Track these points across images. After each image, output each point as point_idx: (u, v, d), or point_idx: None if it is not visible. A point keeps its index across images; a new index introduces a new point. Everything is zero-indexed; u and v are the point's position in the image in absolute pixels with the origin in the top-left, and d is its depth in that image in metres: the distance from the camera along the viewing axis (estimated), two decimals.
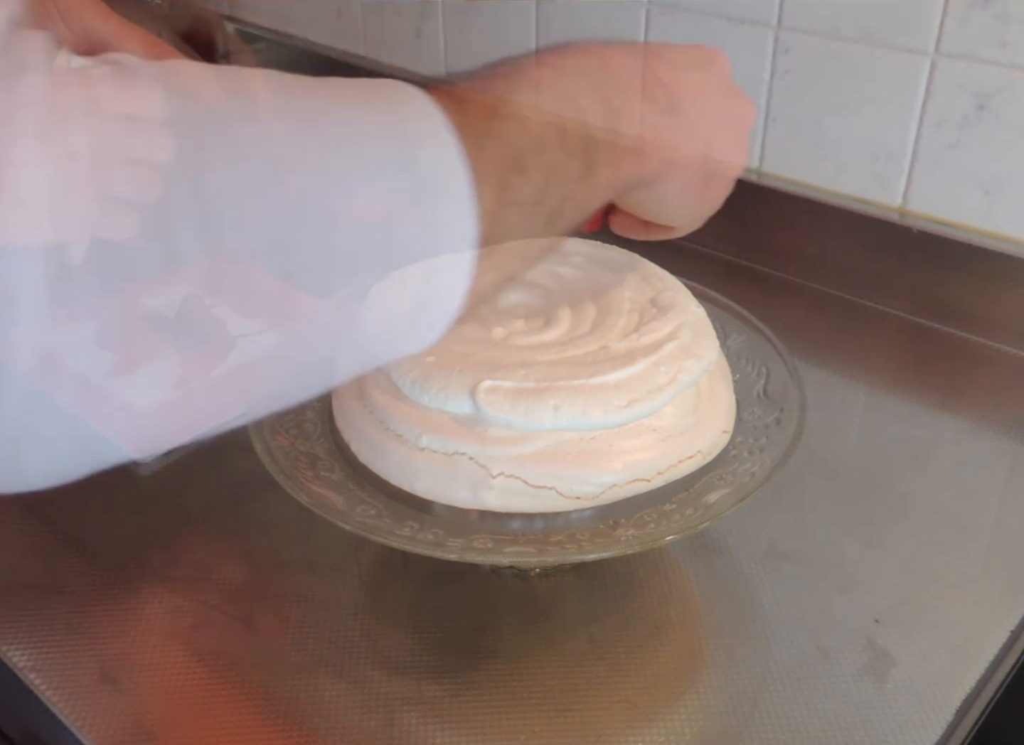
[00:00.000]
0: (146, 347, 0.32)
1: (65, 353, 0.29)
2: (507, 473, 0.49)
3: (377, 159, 0.33)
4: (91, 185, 0.28)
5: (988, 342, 0.78)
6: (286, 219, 0.31)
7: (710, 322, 0.57)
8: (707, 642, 0.53)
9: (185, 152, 0.29)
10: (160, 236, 0.29)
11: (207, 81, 0.31)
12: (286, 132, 0.31)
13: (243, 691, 0.50)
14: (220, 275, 0.30)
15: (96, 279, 0.28)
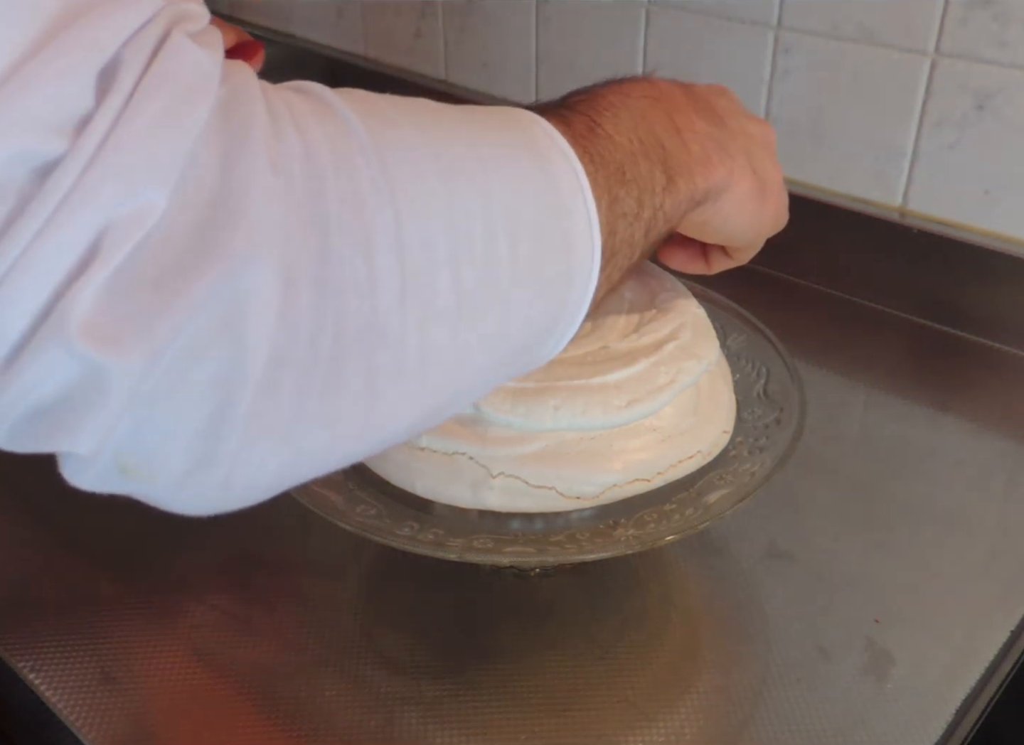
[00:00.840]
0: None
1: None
2: (507, 473, 0.49)
3: (522, 178, 0.35)
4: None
5: (988, 342, 0.78)
6: (458, 232, 0.32)
7: (710, 322, 0.57)
8: (707, 642, 0.53)
9: (378, 171, 0.30)
10: (360, 253, 0.29)
11: (377, 102, 0.33)
12: (450, 152, 0.33)
13: (243, 691, 0.50)
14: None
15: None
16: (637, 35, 0.92)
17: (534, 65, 1.01)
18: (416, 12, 1.09)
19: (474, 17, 1.03)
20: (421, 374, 0.32)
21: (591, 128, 0.39)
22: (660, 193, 0.41)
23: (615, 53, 0.94)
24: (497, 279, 0.33)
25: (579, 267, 0.37)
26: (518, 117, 0.37)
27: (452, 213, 0.32)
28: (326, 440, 0.31)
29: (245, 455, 0.29)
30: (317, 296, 0.28)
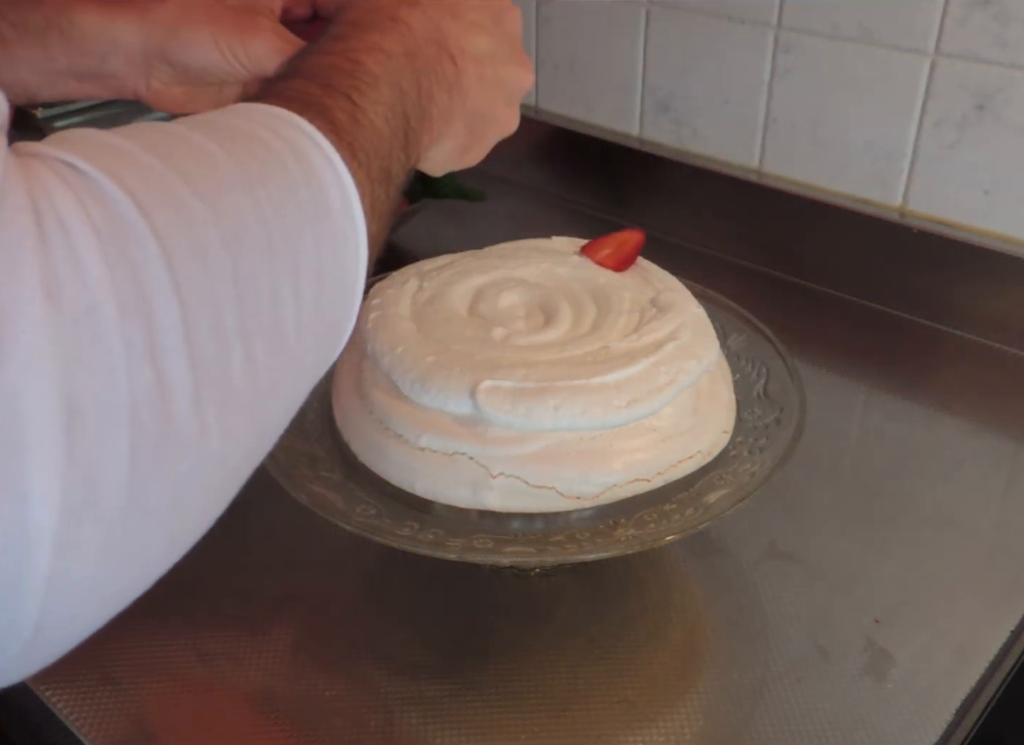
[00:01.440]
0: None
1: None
2: (507, 473, 0.49)
3: (299, 216, 0.32)
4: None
5: (988, 342, 0.78)
6: (246, 303, 0.29)
7: (710, 322, 0.57)
8: (707, 642, 0.54)
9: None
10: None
11: (138, 157, 0.29)
12: (230, 208, 0.30)
13: (243, 691, 0.50)
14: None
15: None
16: (637, 35, 0.92)
17: (534, 65, 1.01)
18: None
19: None
20: (223, 466, 0.30)
21: (354, 118, 0.37)
22: (400, 173, 0.40)
23: (615, 53, 0.94)
24: (285, 340, 0.31)
25: (351, 288, 0.35)
26: (278, 128, 0.34)
27: (238, 286, 0.29)
28: (137, 572, 0.29)
29: (51, 616, 0.26)
30: (106, 423, 0.25)
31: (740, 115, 0.89)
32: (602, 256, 0.61)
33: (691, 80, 0.91)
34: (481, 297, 0.57)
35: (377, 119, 0.38)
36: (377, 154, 0.37)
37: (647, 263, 0.61)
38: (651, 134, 0.97)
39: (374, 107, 0.38)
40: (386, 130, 0.39)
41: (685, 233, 0.92)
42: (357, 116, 0.37)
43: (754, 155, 0.89)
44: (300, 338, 0.32)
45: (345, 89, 0.38)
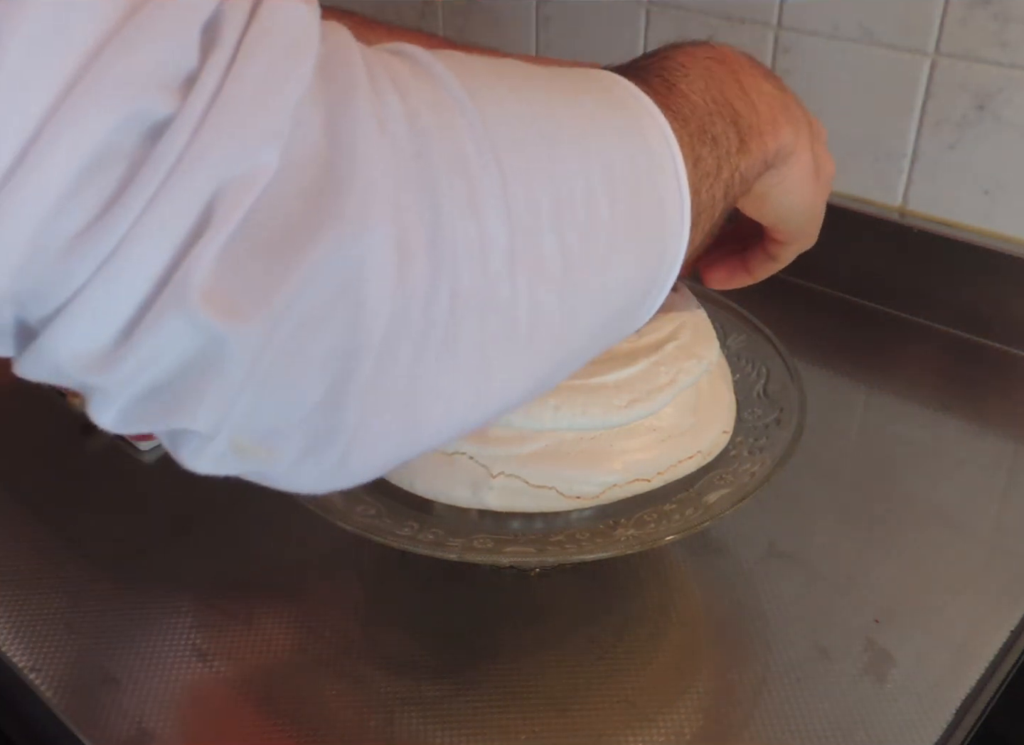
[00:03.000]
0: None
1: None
2: (507, 473, 0.49)
3: (615, 138, 0.34)
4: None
5: (988, 342, 0.78)
6: (561, 194, 0.31)
7: (710, 322, 0.57)
8: (707, 642, 0.53)
9: (480, 130, 0.29)
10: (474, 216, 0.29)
11: (472, 65, 0.32)
12: (546, 115, 0.32)
13: (243, 691, 0.50)
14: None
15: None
16: (637, 35, 0.92)
17: None
18: (416, 12, 1.09)
19: (474, 17, 1.03)
20: (530, 340, 0.31)
21: (669, 87, 0.39)
22: (735, 154, 0.41)
23: (615, 53, 0.94)
24: (598, 241, 0.33)
25: (671, 226, 0.36)
26: (601, 78, 0.37)
27: (553, 176, 0.31)
28: (441, 411, 0.30)
29: (363, 430, 0.28)
30: (431, 260, 0.27)
31: None
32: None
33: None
34: None
35: (692, 93, 0.39)
36: (695, 115, 0.39)
37: None
38: None
39: (687, 85, 0.40)
40: (702, 104, 0.40)
41: None
42: (671, 88, 0.39)
43: None
44: (613, 247, 0.33)
45: (657, 72, 0.40)
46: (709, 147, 0.39)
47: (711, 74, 0.41)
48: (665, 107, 0.37)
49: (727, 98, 0.41)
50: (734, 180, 0.41)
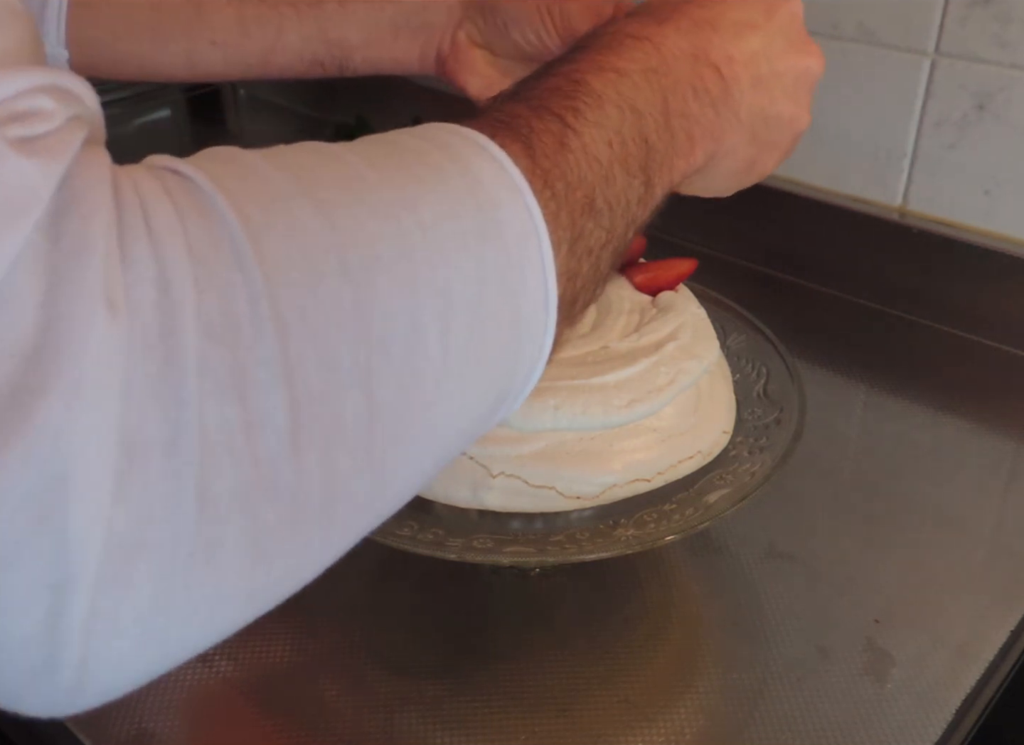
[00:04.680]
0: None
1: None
2: (507, 473, 0.49)
3: (462, 248, 0.28)
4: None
5: (988, 342, 0.78)
6: (371, 342, 0.26)
7: (710, 322, 0.57)
8: (707, 642, 0.53)
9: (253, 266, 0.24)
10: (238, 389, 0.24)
11: (262, 172, 0.27)
12: (362, 233, 0.27)
13: (243, 691, 0.50)
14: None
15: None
16: None
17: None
18: None
19: None
20: (326, 521, 0.26)
21: (562, 142, 0.33)
22: (635, 206, 0.36)
23: None
24: (423, 384, 0.27)
25: (530, 334, 0.31)
26: (457, 148, 0.30)
27: (361, 319, 0.26)
28: (200, 624, 0.26)
29: (96, 658, 0.24)
30: (170, 464, 0.23)
31: None
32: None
33: None
34: None
35: (594, 144, 0.34)
36: (584, 182, 0.33)
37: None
38: None
39: (592, 130, 0.34)
40: (605, 155, 0.34)
41: (685, 233, 0.92)
42: (566, 140, 0.33)
43: None
44: (444, 382, 0.28)
45: (559, 110, 0.34)
46: (598, 217, 0.33)
47: (632, 103, 0.36)
48: (544, 178, 0.31)
49: (643, 132, 0.36)
50: (628, 234, 0.36)
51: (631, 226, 0.36)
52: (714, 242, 0.91)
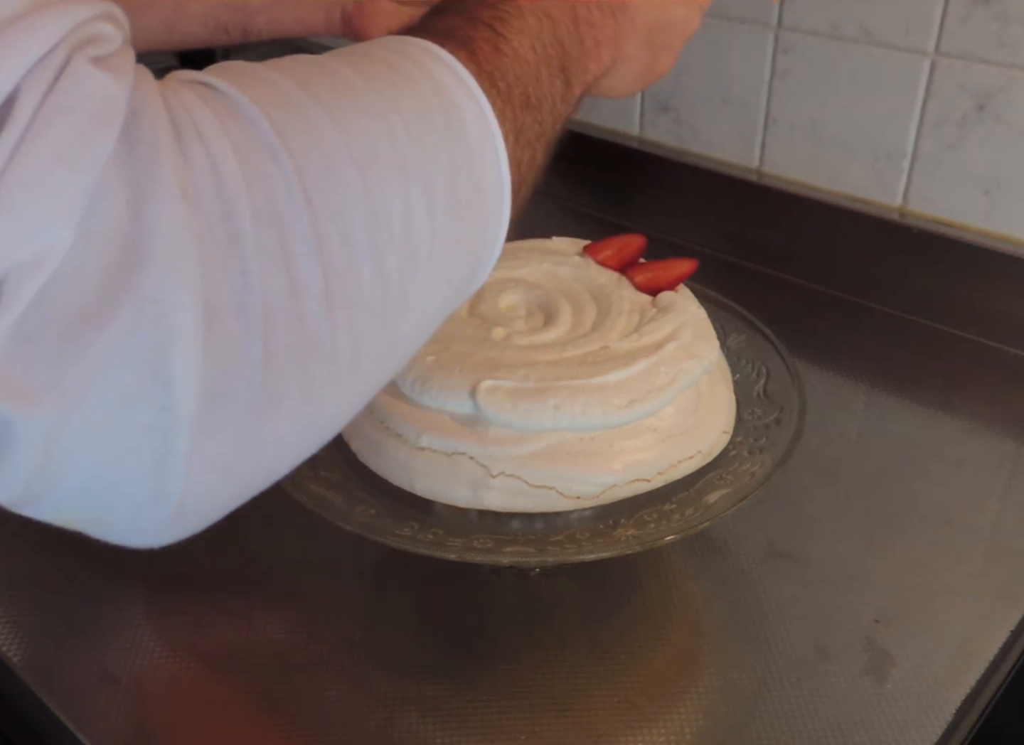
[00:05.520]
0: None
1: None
2: (507, 473, 0.49)
3: (433, 139, 0.33)
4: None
5: (988, 342, 0.78)
6: (377, 221, 0.31)
7: (710, 322, 0.57)
8: (707, 642, 0.53)
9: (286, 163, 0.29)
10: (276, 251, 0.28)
11: (275, 82, 0.31)
12: (360, 130, 0.31)
13: (243, 691, 0.50)
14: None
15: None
16: None
17: None
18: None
19: None
20: (354, 370, 0.31)
21: (496, 47, 0.37)
22: (560, 103, 0.40)
23: None
24: (417, 256, 0.32)
25: (492, 210, 0.36)
26: (418, 58, 0.35)
27: (369, 202, 0.30)
28: (271, 459, 0.31)
29: (193, 490, 0.28)
30: (242, 322, 0.27)
31: (740, 115, 0.89)
32: (604, 256, 0.61)
33: (691, 80, 0.91)
34: (481, 297, 0.57)
35: (521, 47, 0.38)
36: (520, 81, 0.37)
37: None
38: (651, 134, 0.97)
39: (518, 36, 0.38)
40: (532, 58, 0.38)
41: (685, 233, 0.92)
42: (499, 45, 0.37)
43: (754, 155, 0.89)
44: (433, 255, 0.33)
45: (488, 20, 0.38)
46: (533, 112, 0.38)
47: (547, 11, 0.40)
48: (488, 78, 0.36)
49: (558, 37, 0.40)
50: (556, 127, 0.40)
51: (558, 121, 0.40)
52: (714, 242, 0.91)
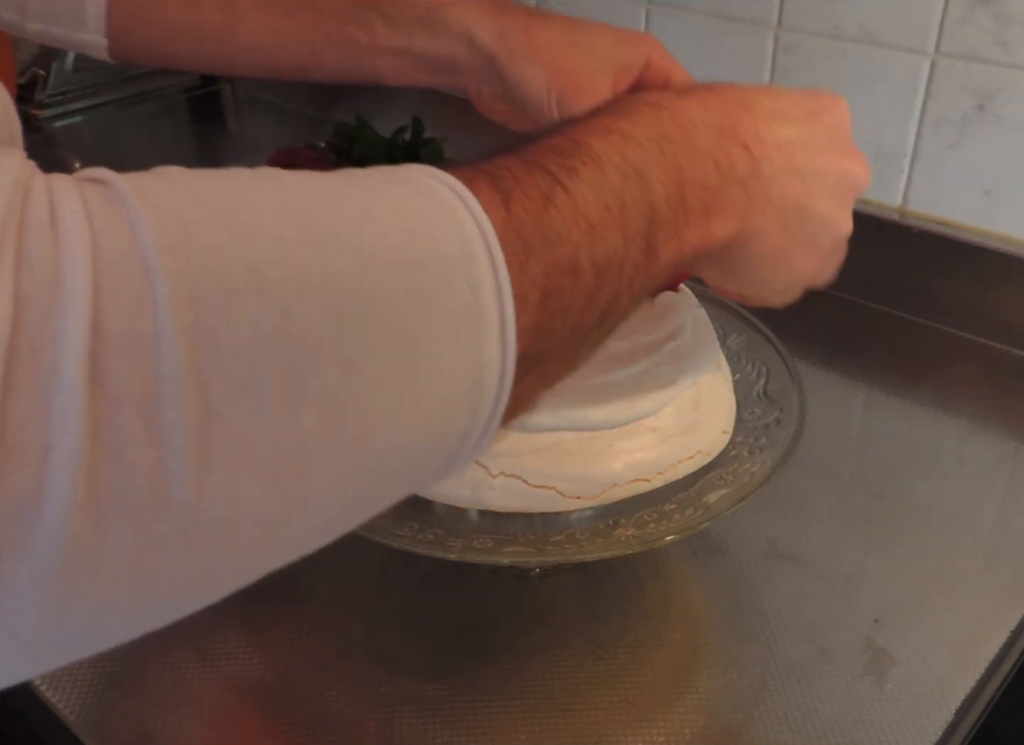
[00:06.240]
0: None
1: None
2: (507, 473, 0.49)
3: (401, 271, 0.27)
4: None
5: (988, 342, 0.78)
6: (293, 357, 0.25)
7: (710, 322, 0.57)
8: (707, 642, 0.53)
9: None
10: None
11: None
12: (269, 248, 0.25)
13: (243, 691, 0.50)
14: None
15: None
16: None
17: None
18: None
19: None
20: (228, 536, 0.26)
21: (547, 198, 0.31)
22: (631, 270, 0.34)
23: None
24: (345, 408, 0.26)
25: (480, 391, 0.29)
26: (418, 179, 0.30)
27: (280, 346, 0.24)
28: (85, 632, 0.26)
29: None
30: (46, 458, 0.22)
31: None
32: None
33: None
34: None
35: (585, 203, 0.32)
36: (564, 240, 0.31)
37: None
38: None
39: (585, 190, 0.32)
40: (597, 216, 0.32)
41: None
42: (553, 196, 0.31)
43: None
44: (372, 419, 0.27)
45: (553, 168, 0.32)
46: (583, 277, 0.32)
47: (637, 168, 0.34)
48: (516, 230, 0.30)
49: (648, 199, 0.34)
50: (623, 296, 0.34)
51: (625, 292, 0.34)
52: None
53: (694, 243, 0.37)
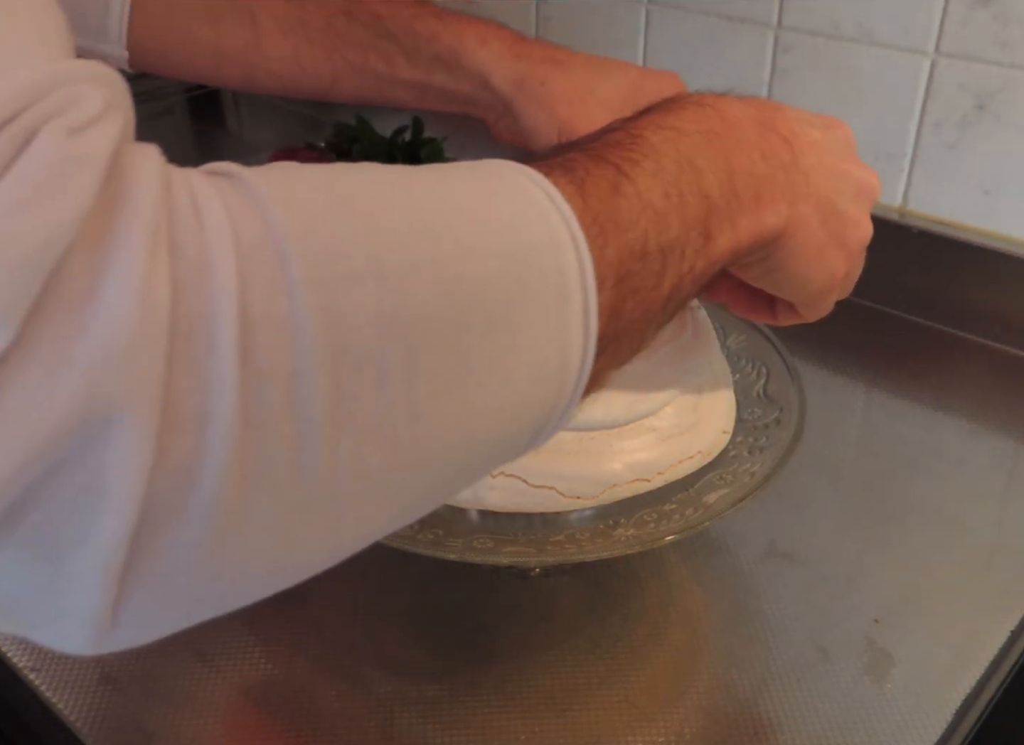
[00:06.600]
0: None
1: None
2: (507, 473, 0.49)
3: (500, 260, 0.29)
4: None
5: (988, 342, 0.78)
6: (410, 336, 0.26)
7: (710, 322, 0.57)
8: (707, 642, 0.53)
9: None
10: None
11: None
12: (387, 240, 0.27)
13: (243, 691, 0.50)
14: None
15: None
16: (637, 35, 0.92)
17: None
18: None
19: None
20: (345, 510, 0.28)
21: (615, 187, 0.33)
22: (692, 255, 0.36)
23: (615, 53, 0.94)
24: (452, 391, 0.28)
25: (565, 367, 0.31)
26: (510, 177, 0.31)
27: (397, 324, 0.26)
28: (221, 590, 0.28)
29: (124, 612, 0.25)
30: (202, 432, 0.23)
31: None
32: None
33: (691, 80, 0.91)
34: None
35: (648, 191, 0.34)
36: (634, 226, 0.33)
37: None
38: None
39: (648, 179, 0.34)
40: (661, 204, 0.35)
41: None
42: (620, 186, 0.33)
43: None
44: (479, 391, 0.28)
45: (616, 160, 0.34)
46: (651, 261, 0.34)
47: (690, 158, 0.36)
48: (594, 217, 0.32)
49: (702, 188, 0.36)
50: (683, 283, 0.36)
51: (687, 276, 0.36)
52: None
53: (747, 229, 0.39)
